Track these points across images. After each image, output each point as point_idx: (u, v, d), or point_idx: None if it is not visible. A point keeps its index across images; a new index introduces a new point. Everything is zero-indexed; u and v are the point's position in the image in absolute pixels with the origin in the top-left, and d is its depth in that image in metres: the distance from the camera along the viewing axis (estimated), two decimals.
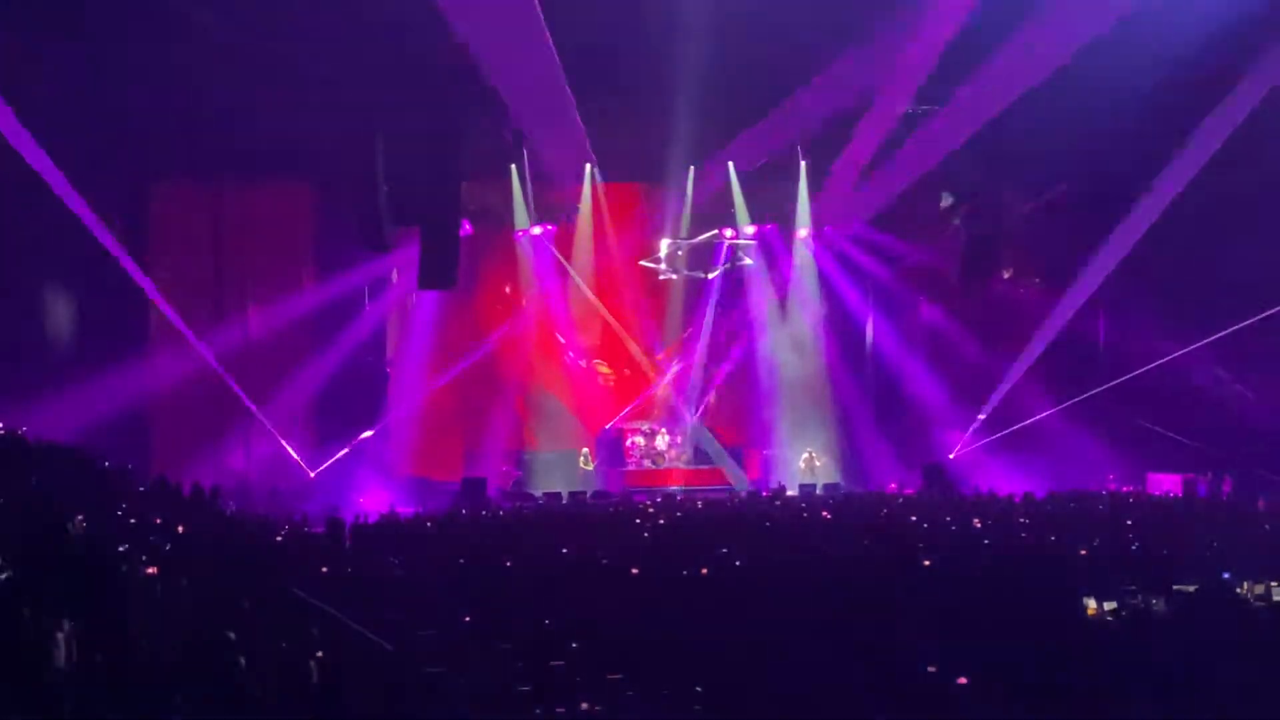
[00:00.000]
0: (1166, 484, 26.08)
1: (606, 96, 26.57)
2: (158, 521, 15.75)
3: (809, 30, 25.08)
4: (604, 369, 31.87)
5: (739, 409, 32.09)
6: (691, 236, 31.15)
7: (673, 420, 31.74)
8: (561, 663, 9.67)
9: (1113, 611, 10.99)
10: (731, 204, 31.03)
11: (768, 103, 27.71)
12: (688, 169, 30.46)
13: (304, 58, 24.22)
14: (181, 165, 27.35)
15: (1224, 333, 25.33)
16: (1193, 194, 24.75)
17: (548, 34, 22.82)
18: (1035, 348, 28.90)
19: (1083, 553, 14.88)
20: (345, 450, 28.03)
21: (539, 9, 21.92)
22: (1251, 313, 24.90)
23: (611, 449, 30.99)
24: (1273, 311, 24.49)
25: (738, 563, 14.27)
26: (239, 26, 22.83)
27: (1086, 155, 26.43)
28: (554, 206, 30.90)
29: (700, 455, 31.47)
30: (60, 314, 25.50)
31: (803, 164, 30.76)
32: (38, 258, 24.40)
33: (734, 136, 29.01)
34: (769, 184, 30.92)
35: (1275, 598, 11.79)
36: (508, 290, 31.44)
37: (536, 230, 31.00)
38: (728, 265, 31.35)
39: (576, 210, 31.01)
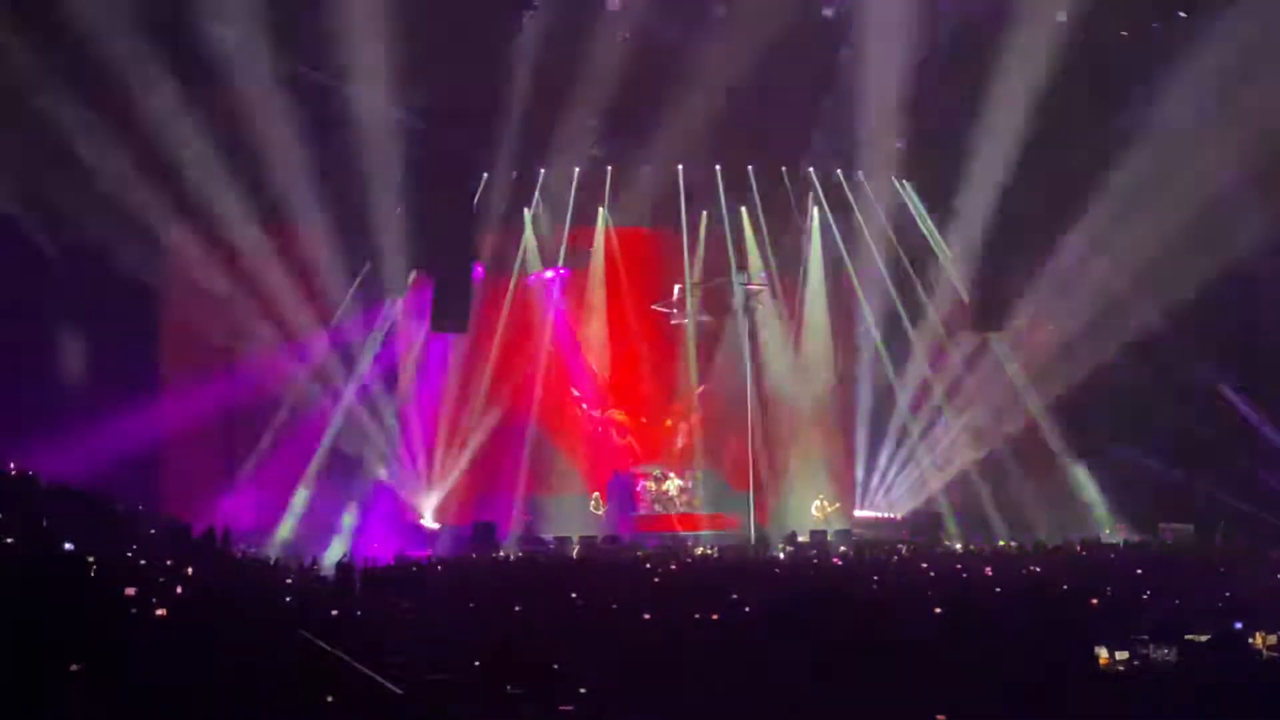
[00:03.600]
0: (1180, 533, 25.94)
1: (621, 141, 26.83)
2: (168, 563, 15.78)
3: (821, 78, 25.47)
4: (620, 416, 31.81)
5: (750, 454, 32.00)
6: (704, 281, 31.21)
7: (683, 465, 31.67)
8: (571, 708, 9.65)
9: (1125, 661, 10.94)
10: (744, 249, 31.19)
11: (781, 148, 28.00)
12: (700, 213, 30.67)
13: (319, 98, 24.52)
14: (193, 207, 27.46)
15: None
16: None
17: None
18: (1050, 395, 28.94)
19: (1094, 602, 14.82)
20: (357, 494, 28.04)
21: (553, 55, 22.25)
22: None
23: (622, 494, 30.91)
24: None
25: (747, 608, 14.24)
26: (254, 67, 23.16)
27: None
28: (567, 250, 30.98)
29: (711, 500, 31.37)
30: (72, 356, 25.56)
31: (814, 209, 30.96)
32: (50, 300, 24.50)
33: (747, 181, 29.31)
34: (782, 228, 31.08)
35: None
36: (520, 334, 31.43)
37: (549, 274, 31.08)
38: (740, 310, 31.37)
39: (589, 254, 31.11)
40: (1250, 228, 24.69)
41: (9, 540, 14.04)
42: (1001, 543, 25.63)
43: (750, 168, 30.09)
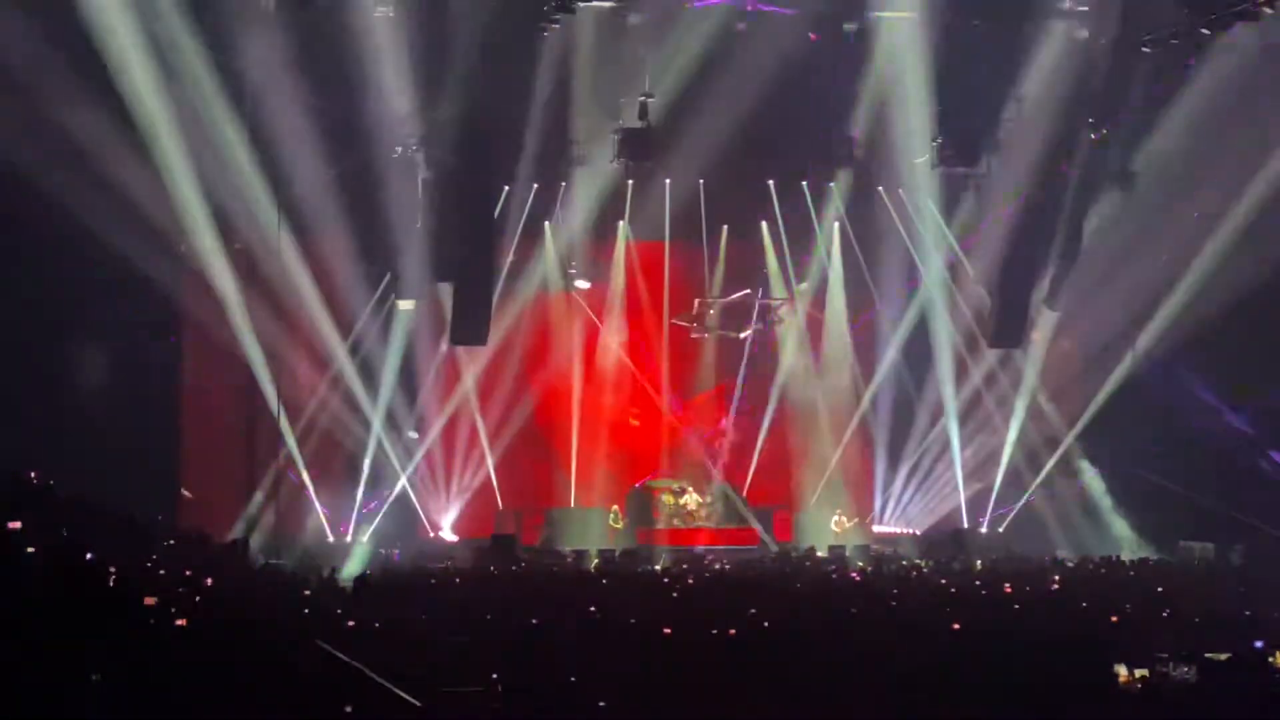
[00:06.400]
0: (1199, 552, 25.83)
1: (641, 155, 26.93)
2: (188, 573, 15.83)
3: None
4: (634, 421, 31.77)
5: (770, 469, 31.95)
6: (724, 296, 31.21)
7: (702, 479, 31.60)
8: None
9: (1143, 679, 10.91)
10: (764, 263, 31.23)
11: (801, 163, 28.10)
12: (721, 228, 30.73)
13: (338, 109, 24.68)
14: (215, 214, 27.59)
15: None
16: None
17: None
18: (1071, 411, 29.02)
19: (1114, 619, 14.78)
20: (376, 505, 28.10)
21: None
22: None
23: (640, 507, 30.84)
24: None
25: (766, 623, 14.23)
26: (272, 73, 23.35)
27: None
28: (587, 264, 31.01)
29: (730, 515, 31.28)
30: (92, 365, 25.65)
31: (835, 224, 30.99)
32: (70, 308, 24.60)
33: (768, 195, 29.47)
34: (803, 243, 31.12)
35: None
36: (539, 347, 31.43)
37: (569, 287, 31.09)
38: (760, 325, 31.36)
39: (609, 268, 31.15)
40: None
41: (30, 549, 14.09)
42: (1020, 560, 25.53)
43: (771, 182, 30.13)
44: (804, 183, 30.25)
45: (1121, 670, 10.94)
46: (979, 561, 25.53)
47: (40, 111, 22.55)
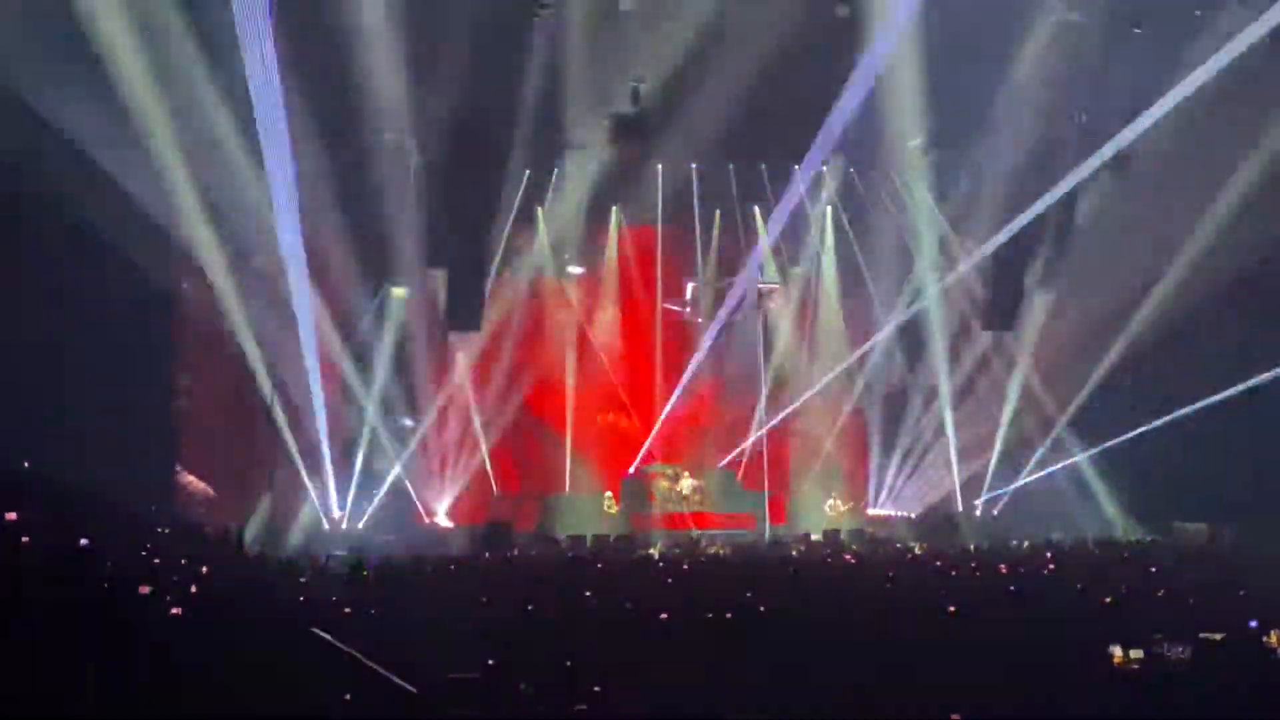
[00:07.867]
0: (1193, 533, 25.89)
1: (634, 140, 26.89)
2: (183, 562, 15.82)
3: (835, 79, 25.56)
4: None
5: (764, 454, 31.98)
6: (717, 280, 31.21)
7: (697, 464, 31.62)
8: (584, 707, 9.65)
9: (1138, 659, 10.92)
10: (757, 248, 31.25)
11: (796, 147, 28.07)
12: (714, 212, 30.75)
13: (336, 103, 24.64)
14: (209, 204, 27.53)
15: None
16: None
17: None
18: (1063, 394, 29.06)
19: (1108, 600, 14.80)
20: (370, 493, 28.12)
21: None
22: None
23: (636, 492, 30.88)
24: None
25: (762, 608, 14.24)
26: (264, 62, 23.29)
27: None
28: (580, 249, 31.03)
29: (725, 499, 31.30)
30: (88, 354, 25.62)
31: (827, 208, 31.01)
32: (67, 298, 24.55)
33: (761, 180, 29.46)
34: (797, 227, 31.12)
35: None
36: (533, 332, 31.45)
37: (562, 273, 31.11)
38: (753, 309, 31.36)
39: (602, 253, 31.16)
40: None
41: (25, 539, 14.08)
42: (1014, 542, 25.58)
43: (763, 166, 30.15)
44: (796, 166, 30.24)
45: (1116, 651, 10.95)
46: (973, 545, 25.60)
47: (37, 106, 22.48)
